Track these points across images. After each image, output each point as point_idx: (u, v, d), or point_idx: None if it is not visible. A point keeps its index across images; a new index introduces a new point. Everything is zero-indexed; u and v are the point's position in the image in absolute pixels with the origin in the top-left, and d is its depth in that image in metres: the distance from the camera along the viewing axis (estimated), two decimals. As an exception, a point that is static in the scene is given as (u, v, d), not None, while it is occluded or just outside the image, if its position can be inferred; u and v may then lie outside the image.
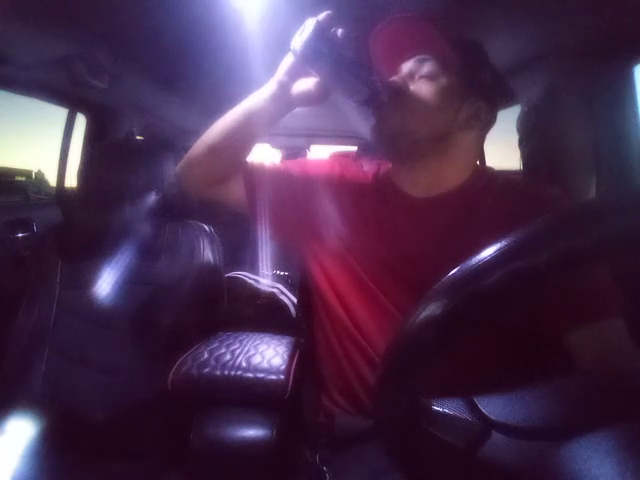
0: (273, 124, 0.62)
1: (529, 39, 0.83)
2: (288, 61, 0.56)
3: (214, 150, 0.62)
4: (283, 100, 0.58)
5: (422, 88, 0.55)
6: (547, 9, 0.72)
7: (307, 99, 0.58)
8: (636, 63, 0.76)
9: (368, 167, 0.68)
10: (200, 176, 0.65)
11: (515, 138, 0.94)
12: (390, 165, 0.65)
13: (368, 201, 0.62)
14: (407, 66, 0.58)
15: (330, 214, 0.63)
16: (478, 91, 0.56)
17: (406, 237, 0.58)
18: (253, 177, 0.65)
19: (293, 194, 0.65)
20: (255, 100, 0.60)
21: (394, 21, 0.56)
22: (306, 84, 0.57)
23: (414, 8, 0.58)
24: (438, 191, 0.59)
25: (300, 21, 0.51)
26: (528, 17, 0.76)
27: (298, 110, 0.60)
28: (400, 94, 0.55)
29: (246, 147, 0.64)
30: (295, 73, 0.56)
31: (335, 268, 0.62)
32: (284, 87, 0.57)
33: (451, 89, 0.55)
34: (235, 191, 0.65)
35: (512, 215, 0.52)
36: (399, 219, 0.60)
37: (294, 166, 0.68)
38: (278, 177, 0.66)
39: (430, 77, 0.55)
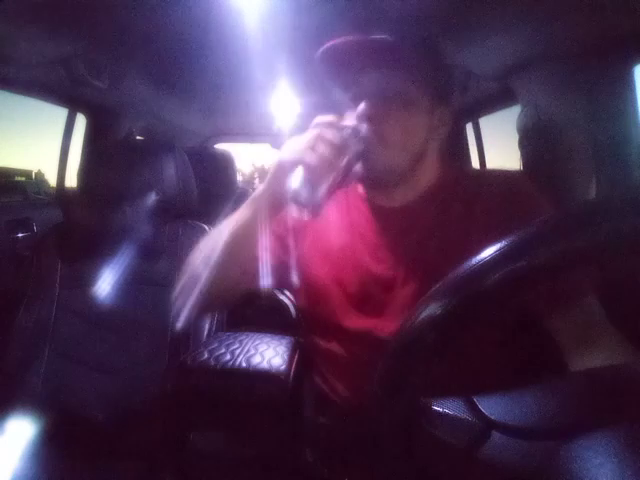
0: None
1: (529, 39, 0.83)
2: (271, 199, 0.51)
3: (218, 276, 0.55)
4: (264, 218, 0.53)
5: (397, 125, 0.54)
6: (547, 9, 0.72)
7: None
8: (636, 63, 0.76)
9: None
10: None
11: (515, 138, 0.94)
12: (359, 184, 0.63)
13: (344, 224, 0.62)
14: (378, 108, 0.54)
15: (312, 257, 0.62)
16: (440, 98, 0.57)
17: (387, 245, 0.58)
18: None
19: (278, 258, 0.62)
20: (237, 228, 0.54)
21: (347, 43, 0.52)
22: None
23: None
24: (412, 197, 0.59)
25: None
26: (528, 17, 0.76)
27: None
28: (380, 140, 0.53)
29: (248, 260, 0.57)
30: (279, 207, 0.52)
31: (321, 298, 0.61)
32: (264, 211, 0.53)
33: (422, 109, 0.56)
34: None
35: (486, 213, 0.53)
36: (378, 230, 0.60)
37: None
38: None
39: (401, 109, 0.54)
